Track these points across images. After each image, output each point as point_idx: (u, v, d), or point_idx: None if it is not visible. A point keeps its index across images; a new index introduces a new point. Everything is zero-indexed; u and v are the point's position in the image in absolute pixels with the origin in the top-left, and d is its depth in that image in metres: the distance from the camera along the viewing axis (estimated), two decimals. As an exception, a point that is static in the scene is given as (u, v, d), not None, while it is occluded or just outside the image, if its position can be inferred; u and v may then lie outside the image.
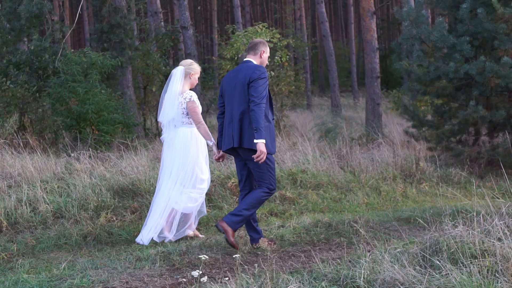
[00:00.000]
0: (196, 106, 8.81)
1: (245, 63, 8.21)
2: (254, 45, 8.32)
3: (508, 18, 13.04)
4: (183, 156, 8.80)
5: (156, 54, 21.65)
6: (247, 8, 45.36)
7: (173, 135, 8.90)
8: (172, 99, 8.86)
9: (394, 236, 8.55)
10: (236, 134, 7.91)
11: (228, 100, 8.14)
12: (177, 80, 8.90)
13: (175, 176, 8.82)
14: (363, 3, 20.21)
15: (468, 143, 14.36)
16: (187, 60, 9.25)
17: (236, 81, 8.03)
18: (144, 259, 7.66)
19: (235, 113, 7.95)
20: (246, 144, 7.84)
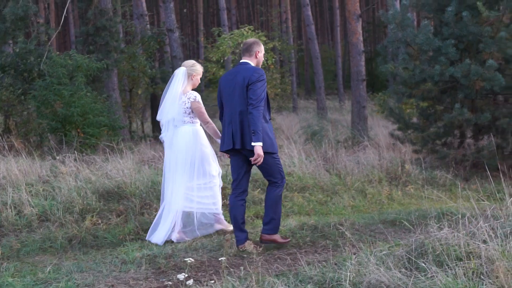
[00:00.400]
0: (202, 106, 8.97)
1: (242, 65, 8.26)
2: (248, 46, 8.38)
3: (493, 21, 13.09)
4: (186, 153, 8.91)
5: (142, 57, 21.67)
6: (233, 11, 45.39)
7: (174, 134, 9.00)
8: (173, 99, 8.95)
9: (380, 238, 8.56)
10: (237, 136, 7.99)
11: (226, 101, 8.20)
12: (179, 81, 8.99)
13: (181, 174, 8.92)
14: (349, 6, 20.25)
15: (453, 145, 14.40)
16: (190, 61, 9.33)
17: (235, 83, 8.09)
18: (129, 262, 7.64)
19: (236, 115, 8.02)
20: (249, 146, 7.90)
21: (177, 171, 8.96)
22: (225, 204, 10.47)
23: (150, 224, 9.51)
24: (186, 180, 8.94)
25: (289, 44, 37.56)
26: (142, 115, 23.60)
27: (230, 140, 8.04)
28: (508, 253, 5.98)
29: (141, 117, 23.38)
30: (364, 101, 20.19)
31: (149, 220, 9.71)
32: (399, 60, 13.92)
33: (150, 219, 9.77)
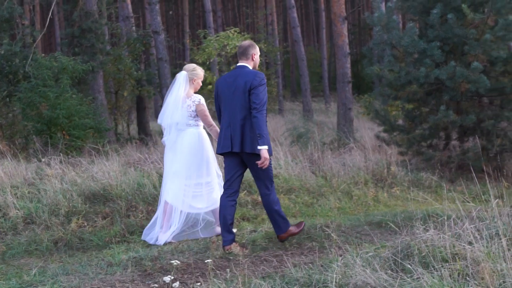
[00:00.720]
0: (206, 109, 9.06)
1: (241, 68, 8.30)
2: (244, 49, 8.42)
3: (478, 24, 13.15)
4: (190, 155, 9.00)
5: (127, 59, 21.63)
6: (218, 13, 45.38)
7: (178, 137, 9.08)
8: (175, 103, 9.01)
9: (366, 240, 8.57)
10: (236, 139, 8.06)
11: (225, 105, 8.26)
12: (181, 85, 9.07)
13: (184, 176, 8.99)
14: (334, 8, 20.28)
15: (439, 147, 14.45)
16: (191, 65, 9.38)
17: (235, 86, 8.13)
18: (115, 265, 7.62)
19: (236, 119, 8.09)
20: (249, 149, 8.01)
21: (179, 172, 9.02)
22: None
23: (136, 226, 9.53)
24: (188, 181, 9.03)
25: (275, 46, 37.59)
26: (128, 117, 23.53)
27: (229, 142, 8.11)
28: (493, 254, 6.00)
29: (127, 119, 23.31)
30: (350, 103, 20.22)
31: (135, 223, 9.70)
32: (385, 62, 13.96)
33: (136, 222, 9.75)
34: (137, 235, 9.28)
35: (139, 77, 22.06)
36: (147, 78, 22.82)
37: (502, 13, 12.95)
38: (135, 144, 18.74)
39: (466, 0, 13.23)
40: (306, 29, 69.56)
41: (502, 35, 12.94)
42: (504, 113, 13.56)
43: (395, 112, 17.80)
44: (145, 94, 22.92)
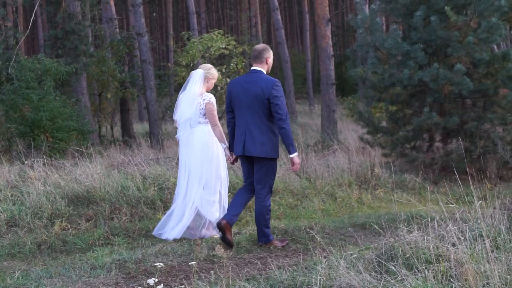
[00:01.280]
0: (214, 109, 9.18)
1: (256, 73, 8.45)
2: (258, 53, 8.51)
3: (461, 26, 13.21)
4: (202, 154, 9.13)
5: (111, 61, 21.57)
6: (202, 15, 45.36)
7: (189, 134, 9.23)
8: (190, 99, 9.19)
9: (350, 242, 8.59)
10: (249, 144, 8.27)
11: (239, 110, 8.42)
12: (196, 82, 9.24)
13: (195, 175, 9.14)
14: (318, 11, 20.30)
15: (422, 149, 14.50)
16: (207, 64, 9.54)
17: (252, 92, 8.28)
18: (99, 267, 7.59)
19: (249, 124, 8.30)
20: (256, 153, 8.26)
21: (192, 170, 9.17)
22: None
23: (119, 228, 9.52)
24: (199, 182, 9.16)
25: (258, 48, 37.52)
26: (111, 119, 23.46)
27: (241, 147, 8.34)
28: (477, 255, 6.03)
29: (110, 121, 23.23)
30: (334, 105, 20.25)
31: (119, 225, 9.68)
32: (368, 64, 14.00)
33: (120, 224, 9.73)
34: (120, 237, 9.25)
35: (122, 79, 22.01)
36: (130, 80, 22.77)
37: (484, 16, 13.02)
38: (118, 146, 18.67)
39: (449, 3, 13.29)
40: (290, 31, 69.60)
41: (484, 37, 13.00)
42: (487, 115, 13.62)
43: (379, 114, 17.84)
44: (128, 96, 22.86)
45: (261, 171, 8.39)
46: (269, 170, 8.40)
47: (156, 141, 19.79)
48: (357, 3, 14.70)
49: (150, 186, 11.24)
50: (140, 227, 9.79)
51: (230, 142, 8.73)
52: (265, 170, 8.37)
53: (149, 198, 10.80)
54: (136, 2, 21.00)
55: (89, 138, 17.55)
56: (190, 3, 34.36)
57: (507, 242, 6.51)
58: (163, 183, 11.35)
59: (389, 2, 14.40)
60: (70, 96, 19.19)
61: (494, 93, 13.49)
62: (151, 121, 20.77)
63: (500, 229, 6.75)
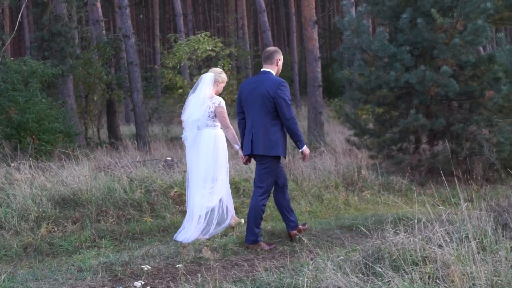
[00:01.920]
0: (225, 112, 9.42)
1: (265, 74, 8.69)
2: (269, 54, 8.79)
3: (447, 28, 13.25)
4: (207, 156, 9.36)
5: (97, 63, 21.52)
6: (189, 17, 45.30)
7: (196, 135, 9.43)
8: (199, 101, 9.38)
9: (337, 244, 8.60)
10: (255, 142, 8.55)
11: (248, 109, 8.68)
12: (206, 85, 9.45)
13: (200, 176, 9.35)
14: (305, 13, 20.32)
15: (409, 151, 14.52)
16: (217, 68, 9.83)
17: (258, 92, 8.52)
18: (86, 270, 7.57)
19: (256, 123, 8.55)
20: (261, 151, 8.52)
21: (198, 172, 9.36)
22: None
23: (106, 231, 9.57)
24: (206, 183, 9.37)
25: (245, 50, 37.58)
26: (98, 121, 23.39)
27: (249, 146, 8.60)
28: (463, 257, 6.04)
29: (97, 123, 23.16)
30: (321, 107, 20.27)
31: (105, 227, 9.68)
32: (355, 66, 14.02)
33: (107, 226, 9.73)
34: (107, 240, 9.24)
35: (109, 81, 21.95)
36: (117, 82, 22.71)
37: (470, 18, 13.06)
38: (105, 148, 18.62)
39: (435, 5, 13.33)
40: (277, 33, 69.63)
41: (470, 40, 13.05)
42: (473, 117, 13.66)
43: (366, 116, 17.87)
44: (115, 98, 22.80)
45: (262, 169, 8.61)
46: (270, 168, 8.58)
47: (143, 143, 19.76)
48: (344, 5, 14.72)
49: (137, 188, 11.21)
50: (127, 229, 9.78)
51: (242, 143, 8.96)
52: (266, 168, 8.57)
53: (135, 200, 10.79)
54: (122, 4, 20.96)
55: (75, 140, 17.49)
56: (177, 5, 34.36)
57: (493, 244, 6.54)
58: (150, 185, 11.33)
59: (376, 5, 14.43)
60: (56, 98, 19.13)
61: (480, 95, 13.54)
62: (138, 123, 20.73)
63: (486, 230, 6.77)
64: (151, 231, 9.86)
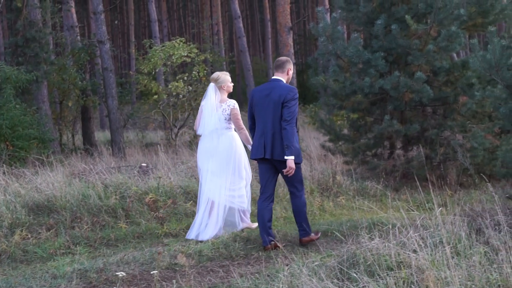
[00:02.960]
0: (238, 113, 9.91)
1: (276, 81, 9.07)
2: (281, 63, 9.18)
3: (421, 34, 13.32)
4: (227, 157, 9.85)
5: (72, 69, 21.39)
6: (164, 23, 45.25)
7: (217, 139, 9.90)
8: (210, 110, 9.89)
9: (312, 249, 8.61)
10: (268, 147, 8.83)
11: (259, 115, 9.02)
12: (211, 96, 9.95)
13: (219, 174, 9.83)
14: (280, 19, 20.36)
15: (384, 156, 14.57)
16: (213, 75, 10.20)
17: (270, 99, 8.89)
18: (60, 277, 7.54)
19: (268, 129, 8.86)
20: (278, 157, 8.78)
21: (217, 172, 9.82)
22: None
23: (80, 237, 9.51)
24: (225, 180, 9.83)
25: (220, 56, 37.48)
26: (72, 127, 23.24)
27: (262, 150, 8.87)
28: (437, 262, 6.08)
29: (71, 129, 23.02)
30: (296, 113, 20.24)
31: (80, 234, 9.63)
32: (330, 72, 14.05)
33: (81, 233, 9.68)
34: (82, 246, 9.20)
35: (84, 87, 21.84)
36: (92, 88, 22.61)
37: (444, 24, 13.14)
38: (80, 154, 18.53)
39: (409, 11, 13.40)
40: (252, 39, 69.68)
41: (444, 46, 13.13)
42: (447, 123, 13.74)
43: (340, 122, 17.90)
44: (90, 104, 22.69)
45: (289, 176, 8.82)
46: (295, 172, 8.80)
47: (118, 149, 19.68)
48: (319, 11, 14.75)
49: (112, 194, 11.17)
50: (102, 236, 9.74)
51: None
52: (293, 174, 8.78)
53: (110, 206, 10.75)
54: (97, 10, 20.88)
55: (50, 147, 17.39)
56: (152, 11, 34.30)
57: (467, 249, 6.58)
58: (125, 192, 11.29)
59: (351, 11, 14.47)
60: (30, 104, 19.00)
61: (454, 100, 13.62)
62: (113, 129, 20.64)
63: (460, 235, 6.81)
64: (126, 237, 9.84)
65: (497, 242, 6.61)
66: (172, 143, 21.00)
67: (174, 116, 21.75)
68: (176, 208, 11.00)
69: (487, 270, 6.01)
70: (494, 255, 6.35)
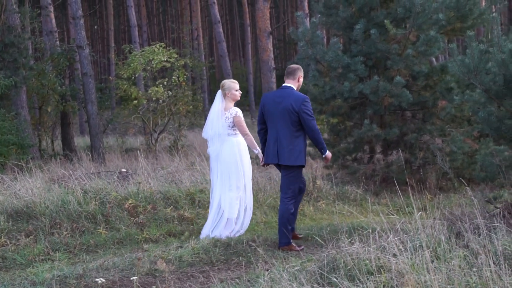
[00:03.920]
0: (242, 120, 10.14)
1: (288, 89, 9.36)
2: (292, 71, 9.45)
3: (400, 39, 13.37)
4: (230, 162, 10.04)
5: (51, 74, 21.30)
6: (144, 28, 45.14)
7: (220, 145, 10.16)
8: (215, 116, 10.17)
9: (292, 254, 8.62)
10: (281, 153, 9.18)
11: (272, 122, 9.33)
12: (217, 102, 10.23)
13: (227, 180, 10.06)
14: (259, 24, 20.40)
15: (363, 161, 14.60)
16: (222, 82, 10.46)
17: (283, 107, 9.16)
18: (39, 284, 7.49)
19: (281, 135, 9.20)
20: (286, 162, 9.18)
21: (223, 178, 10.07)
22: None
23: (60, 243, 9.53)
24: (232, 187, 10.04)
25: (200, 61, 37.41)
26: (52, 133, 23.13)
27: (276, 156, 9.23)
28: (417, 266, 6.09)
29: (51, 135, 22.91)
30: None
31: (59, 240, 9.60)
32: (309, 77, 14.05)
33: (61, 239, 9.65)
34: (61, 252, 9.16)
35: (63, 92, 21.75)
36: (71, 93, 22.51)
37: (423, 29, 13.19)
38: (59, 160, 18.45)
39: (388, 16, 13.44)
40: (232, 44, 69.70)
41: (423, 50, 13.18)
42: (426, 127, 13.80)
43: (320, 127, 17.92)
44: (69, 110, 22.59)
45: (288, 178, 9.27)
46: (295, 177, 9.27)
47: (98, 155, 19.61)
48: (298, 16, 14.78)
49: (91, 200, 11.12)
50: (81, 242, 9.70)
51: (262, 148, 9.68)
52: (292, 177, 9.26)
53: (90, 212, 10.70)
54: (76, 15, 20.81)
55: (29, 152, 17.32)
56: (132, 16, 34.24)
57: (447, 252, 6.60)
58: (104, 197, 11.25)
59: (330, 16, 14.50)
60: (9, 109, 18.90)
61: (433, 105, 13.68)
62: (92, 135, 20.57)
63: (440, 239, 6.84)
64: (106, 243, 9.80)
65: (477, 246, 6.63)
66: (152, 148, 20.96)
67: (154, 121, 21.71)
68: (156, 213, 10.97)
69: (467, 274, 6.04)
70: (473, 259, 6.37)
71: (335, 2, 14.28)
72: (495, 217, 8.06)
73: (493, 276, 5.85)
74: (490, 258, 6.08)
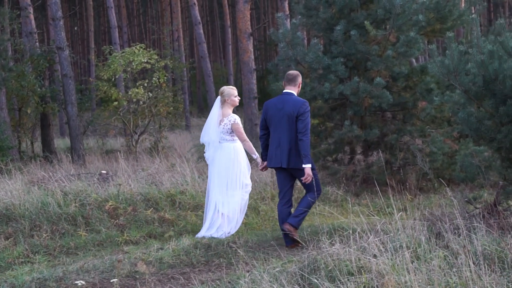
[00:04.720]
0: (240, 127, 10.49)
1: (288, 95, 9.69)
2: (293, 77, 9.79)
3: (380, 40, 13.40)
4: (227, 166, 10.35)
5: (31, 75, 21.18)
6: (124, 29, 45.01)
7: (217, 150, 10.46)
8: (211, 123, 10.50)
9: (273, 255, 8.62)
10: (285, 157, 9.46)
11: (274, 127, 9.65)
12: (215, 108, 10.55)
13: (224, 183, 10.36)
14: (240, 25, 20.38)
15: (344, 162, 14.63)
16: (221, 89, 10.79)
17: (284, 112, 9.51)
18: (19, 287, 7.46)
19: (284, 140, 9.49)
20: (294, 165, 9.45)
21: (220, 182, 10.35)
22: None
23: (40, 246, 9.51)
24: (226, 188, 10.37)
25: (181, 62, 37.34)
26: (32, 134, 23.02)
27: (279, 160, 9.51)
28: (397, 266, 6.11)
29: (30, 136, 22.80)
30: (256, 119, 20.32)
31: (39, 242, 9.56)
32: (290, 78, 14.05)
33: (40, 241, 9.61)
34: (41, 255, 9.12)
35: (43, 93, 21.64)
36: (51, 95, 22.39)
37: (403, 30, 13.24)
38: (39, 162, 18.36)
39: (368, 17, 13.48)
40: (213, 45, 69.65)
41: (403, 51, 13.22)
42: (406, 127, 13.84)
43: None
44: (49, 111, 22.47)
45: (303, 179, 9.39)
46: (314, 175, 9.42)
47: (78, 157, 19.53)
48: (279, 17, 14.81)
49: (71, 202, 11.09)
50: (61, 244, 9.67)
51: (262, 153, 10.01)
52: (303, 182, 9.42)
53: (70, 214, 10.67)
54: (56, 16, 20.72)
55: (8, 154, 17.23)
56: (112, 17, 34.11)
57: (427, 253, 6.62)
58: (85, 199, 11.21)
59: (310, 17, 14.52)
60: (-12, 111, 18.80)
61: (413, 106, 13.74)
62: (72, 136, 20.48)
63: (420, 239, 6.86)
64: (86, 245, 9.77)
65: (457, 246, 6.66)
66: (133, 150, 20.89)
67: (134, 122, 21.62)
68: (137, 215, 10.95)
69: (447, 274, 6.06)
70: (453, 259, 6.40)
71: (315, 3, 14.31)
72: (474, 218, 8.09)
73: (472, 276, 5.88)
74: (470, 258, 6.11)
